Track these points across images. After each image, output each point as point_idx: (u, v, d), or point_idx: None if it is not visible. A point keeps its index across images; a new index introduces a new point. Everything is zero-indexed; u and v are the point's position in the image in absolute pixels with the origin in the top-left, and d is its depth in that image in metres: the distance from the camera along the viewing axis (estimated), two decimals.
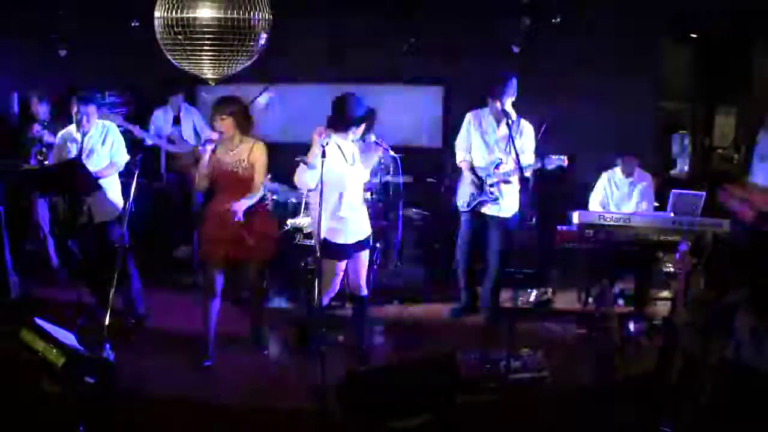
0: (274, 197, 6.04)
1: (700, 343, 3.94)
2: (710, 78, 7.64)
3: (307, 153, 4.25)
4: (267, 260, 4.74)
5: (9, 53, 6.81)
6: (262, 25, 3.60)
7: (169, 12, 3.45)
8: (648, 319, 5.31)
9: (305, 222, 5.58)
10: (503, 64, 5.73)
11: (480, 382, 4.17)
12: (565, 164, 5.22)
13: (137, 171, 4.66)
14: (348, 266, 4.68)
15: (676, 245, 4.41)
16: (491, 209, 5.36)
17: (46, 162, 5.80)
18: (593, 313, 5.15)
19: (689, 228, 4.82)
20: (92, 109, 5.01)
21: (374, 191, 6.04)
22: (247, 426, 3.98)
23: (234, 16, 3.47)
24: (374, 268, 5.64)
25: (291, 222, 5.68)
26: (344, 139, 4.48)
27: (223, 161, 4.51)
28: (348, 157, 4.50)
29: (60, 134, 5.23)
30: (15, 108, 6.93)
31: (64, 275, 6.16)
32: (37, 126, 6.08)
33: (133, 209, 4.71)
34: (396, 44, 6.61)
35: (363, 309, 4.86)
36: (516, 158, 4.37)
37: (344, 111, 4.41)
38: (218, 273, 4.55)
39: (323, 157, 4.34)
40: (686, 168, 8.09)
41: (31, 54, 6.90)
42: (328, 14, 6.68)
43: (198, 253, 4.56)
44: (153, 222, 6.36)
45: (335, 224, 4.46)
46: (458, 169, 5.53)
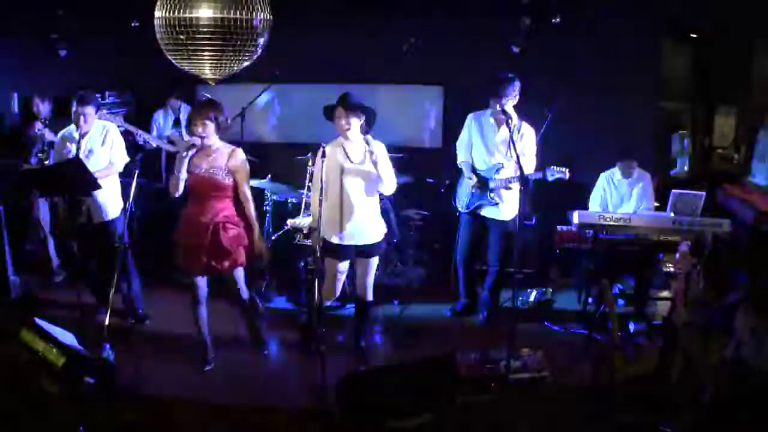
0: (274, 197, 6.04)
1: (700, 343, 3.94)
2: (710, 78, 7.63)
3: (308, 153, 4.27)
4: (244, 266, 4.55)
5: (9, 53, 6.80)
6: (263, 25, 3.60)
7: (170, 12, 3.46)
8: (648, 319, 5.32)
9: (305, 222, 5.57)
10: (503, 64, 5.71)
11: (480, 382, 4.17)
12: (566, 177, 5.15)
13: (137, 171, 4.66)
14: (355, 271, 4.70)
15: (676, 245, 4.39)
16: (491, 212, 5.35)
17: (47, 161, 5.80)
18: (593, 313, 5.15)
19: (689, 228, 4.82)
20: (90, 110, 4.99)
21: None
22: (247, 426, 3.98)
23: (234, 17, 3.47)
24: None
25: (291, 222, 5.68)
26: (351, 139, 4.48)
27: (200, 166, 4.37)
28: (353, 157, 4.50)
29: (60, 134, 5.22)
30: (15, 108, 6.93)
31: (64, 275, 6.17)
32: (39, 124, 6.07)
33: (133, 209, 4.69)
34: (396, 44, 6.60)
35: (366, 312, 4.88)
36: (517, 160, 4.36)
37: (364, 107, 4.45)
38: (200, 279, 4.47)
39: (323, 157, 4.36)
40: (686, 168, 8.07)
41: (31, 54, 6.89)
42: (328, 14, 6.67)
43: (177, 261, 4.48)
44: (153, 222, 6.35)
45: (332, 224, 4.48)
46: (459, 170, 5.53)
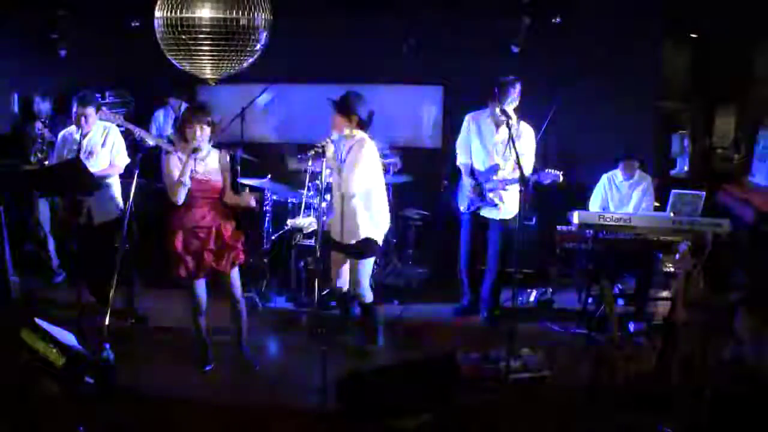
0: (274, 197, 6.04)
1: (700, 343, 3.94)
2: (710, 78, 7.62)
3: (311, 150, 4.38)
4: (240, 266, 4.54)
5: (9, 53, 6.80)
6: (263, 25, 3.60)
7: (170, 12, 3.46)
8: (648, 319, 5.32)
9: (305, 222, 5.57)
10: (503, 64, 5.71)
11: (480, 382, 4.17)
12: (560, 179, 5.16)
13: (137, 171, 4.65)
14: (348, 268, 4.78)
15: (676, 245, 4.40)
16: (491, 213, 5.35)
17: (47, 161, 5.80)
18: (593, 313, 5.15)
19: (689, 228, 4.82)
20: (91, 111, 4.99)
21: None
22: (247, 426, 3.97)
23: (234, 16, 3.47)
24: (374, 269, 5.63)
25: (291, 222, 5.67)
26: (338, 138, 4.55)
27: (195, 171, 4.36)
28: (340, 155, 4.57)
29: (61, 134, 5.23)
30: (15, 108, 6.92)
31: (64, 275, 6.17)
32: (39, 124, 6.07)
33: (133, 209, 4.69)
34: (396, 44, 6.60)
35: (367, 313, 4.90)
36: (516, 160, 4.36)
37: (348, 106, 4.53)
38: (200, 287, 4.46)
39: (323, 157, 4.41)
40: (686, 168, 8.06)
41: (31, 54, 6.89)
42: (328, 14, 6.66)
43: (175, 273, 4.43)
44: (153, 222, 6.34)
45: (332, 218, 4.73)
46: (459, 170, 5.53)
